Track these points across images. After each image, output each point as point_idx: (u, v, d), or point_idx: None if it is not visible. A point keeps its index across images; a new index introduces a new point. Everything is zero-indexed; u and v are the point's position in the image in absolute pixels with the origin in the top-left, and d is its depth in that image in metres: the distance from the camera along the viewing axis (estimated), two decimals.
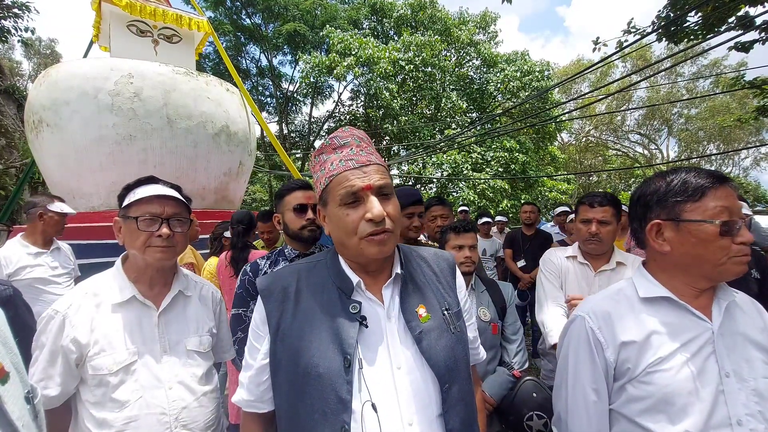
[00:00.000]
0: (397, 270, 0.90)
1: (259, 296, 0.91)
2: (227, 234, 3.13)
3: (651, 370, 0.90)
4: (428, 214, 2.25)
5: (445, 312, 0.90)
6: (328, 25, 14.50)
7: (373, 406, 0.76)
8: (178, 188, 1.27)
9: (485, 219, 5.29)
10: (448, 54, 14.97)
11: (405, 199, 1.93)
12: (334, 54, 13.10)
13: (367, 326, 0.82)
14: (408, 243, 1.95)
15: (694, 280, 0.94)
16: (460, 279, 1.02)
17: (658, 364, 0.90)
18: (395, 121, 14.03)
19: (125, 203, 1.18)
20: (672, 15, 5.04)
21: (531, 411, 1.59)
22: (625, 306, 0.99)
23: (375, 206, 0.80)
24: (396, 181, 16.03)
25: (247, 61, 18.78)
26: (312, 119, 20.06)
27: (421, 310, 0.87)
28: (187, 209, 1.25)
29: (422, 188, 14.73)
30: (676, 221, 0.93)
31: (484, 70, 15.21)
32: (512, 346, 1.82)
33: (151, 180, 1.23)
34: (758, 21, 4.35)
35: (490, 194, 12.21)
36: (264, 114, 19.03)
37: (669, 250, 0.95)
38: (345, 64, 12.71)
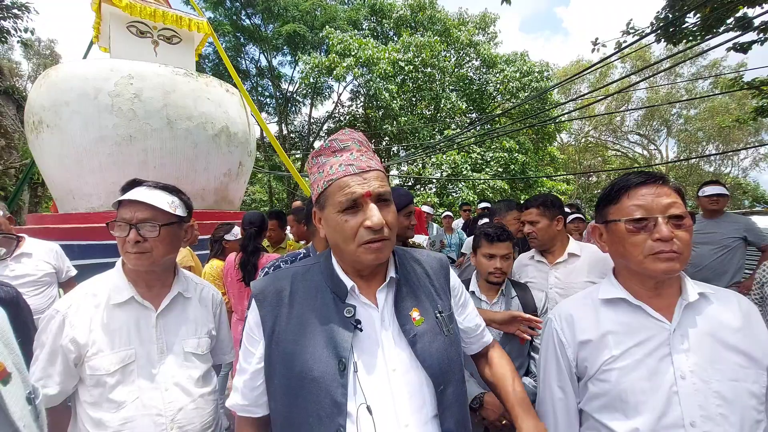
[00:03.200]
0: (392, 274, 0.91)
1: (253, 300, 0.91)
2: (228, 237, 3.11)
3: (606, 368, 0.94)
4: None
5: (438, 315, 0.90)
6: (327, 26, 14.50)
7: (368, 408, 0.77)
8: (169, 188, 1.24)
9: (485, 220, 5.29)
10: (447, 55, 14.98)
11: (403, 200, 1.93)
12: (334, 55, 13.11)
13: (361, 330, 0.83)
14: (404, 243, 1.97)
15: (640, 279, 0.97)
16: (453, 278, 1.02)
17: (612, 363, 0.93)
18: (395, 122, 14.03)
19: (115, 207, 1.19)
20: (670, 16, 5.06)
21: None
22: (589, 308, 1.04)
23: (375, 214, 0.80)
24: (395, 181, 16.04)
25: (247, 62, 18.80)
26: (311, 120, 20.07)
27: (415, 314, 0.88)
28: (163, 213, 1.17)
29: (422, 188, 14.74)
30: (605, 223, 1.01)
31: (484, 70, 15.23)
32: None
33: (134, 183, 1.20)
34: (756, 22, 4.36)
35: (490, 194, 12.23)
36: (263, 115, 19.03)
37: (607, 251, 1.04)
38: (344, 64, 12.71)
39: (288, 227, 3.60)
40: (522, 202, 2.16)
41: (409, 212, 1.94)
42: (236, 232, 3.10)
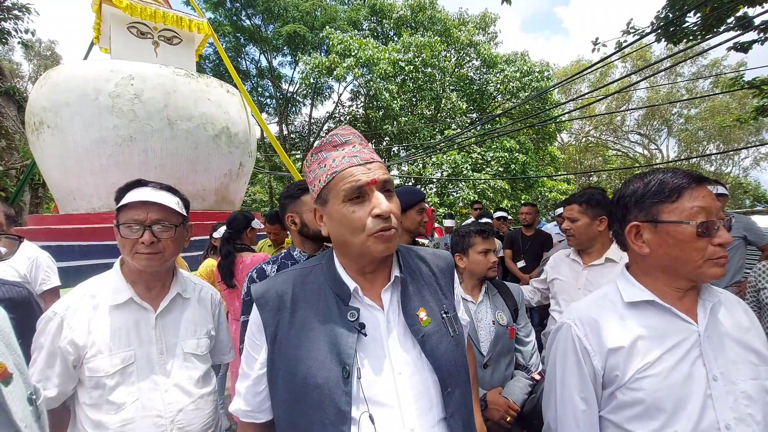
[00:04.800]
0: (396, 273, 0.88)
1: (254, 304, 0.89)
2: (215, 235, 3.09)
3: (639, 376, 0.89)
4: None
5: (444, 315, 0.88)
6: (327, 26, 14.53)
7: (371, 417, 0.75)
8: (171, 189, 1.24)
9: (486, 219, 5.29)
10: (447, 55, 14.98)
11: (416, 197, 1.96)
12: (334, 55, 13.12)
13: (365, 335, 0.80)
14: (414, 240, 2.01)
15: (675, 282, 0.93)
16: (456, 283, 1.00)
17: (647, 370, 0.89)
18: (395, 122, 14.04)
19: (116, 208, 1.18)
20: (671, 15, 5.06)
21: None
22: (611, 311, 0.97)
23: (382, 201, 0.79)
24: (396, 182, 16.03)
25: (247, 63, 18.82)
26: (312, 120, 20.09)
27: (422, 314, 0.85)
28: (175, 213, 1.20)
29: (422, 188, 14.75)
30: (654, 223, 0.92)
31: (484, 70, 15.24)
32: (527, 348, 1.78)
33: (139, 183, 1.20)
34: (757, 21, 4.36)
35: (491, 194, 12.23)
36: (264, 115, 19.04)
37: (648, 252, 0.94)
38: (345, 65, 12.72)
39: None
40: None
41: (422, 209, 1.96)
42: (223, 230, 3.11)
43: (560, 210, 5.06)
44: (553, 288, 2.10)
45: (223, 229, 3.10)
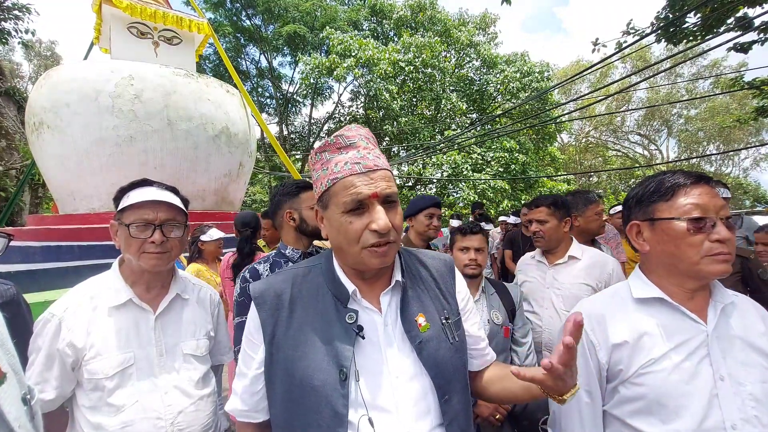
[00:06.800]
0: (398, 277, 0.88)
1: (252, 303, 0.88)
2: (203, 238, 3.08)
3: (643, 372, 0.90)
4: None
5: (444, 321, 0.87)
6: (328, 27, 14.54)
7: (370, 420, 0.74)
8: (173, 190, 1.24)
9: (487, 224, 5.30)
10: (447, 55, 14.99)
11: (427, 201, 2.06)
12: (334, 55, 13.13)
13: (363, 337, 0.80)
14: (426, 243, 2.13)
15: (680, 281, 0.94)
16: (459, 282, 0.99)
17: (650, 366, 0.89)
18: (395, 122, 14.04)
19: (119, 207, 1.17)
20: (671, 16, 5.05)
21: (546, 415, 1.53)
22: (619, 307, 0.99)
23: (381, 217, 0.77)
24: (395, 182, 16.02)
25: (247, 63, 18.83)
26: (312, 120, 20.09)
27: (421, 319, 0.84)
28: (182, 213, 1.21)
29: (422, 189, 14.75)
30: (651, 221, 0.96)
31: (484, 71, 15.24)
32: (522, 348, 1.79)
33: (144, 183, 1.20)
34: (757, 22, 4.36)
35: (491, 195, 12.22)
36: (264, 115, 19.04)
37: (648, 250, 0.98)
38: (345, 65, 12.73)
39: None
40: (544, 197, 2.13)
41: (431, 214, 2.06)
42: (212, 233, 3.07)
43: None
44: (524, 291, 2.16)
45: (213, 232, 3.10)
